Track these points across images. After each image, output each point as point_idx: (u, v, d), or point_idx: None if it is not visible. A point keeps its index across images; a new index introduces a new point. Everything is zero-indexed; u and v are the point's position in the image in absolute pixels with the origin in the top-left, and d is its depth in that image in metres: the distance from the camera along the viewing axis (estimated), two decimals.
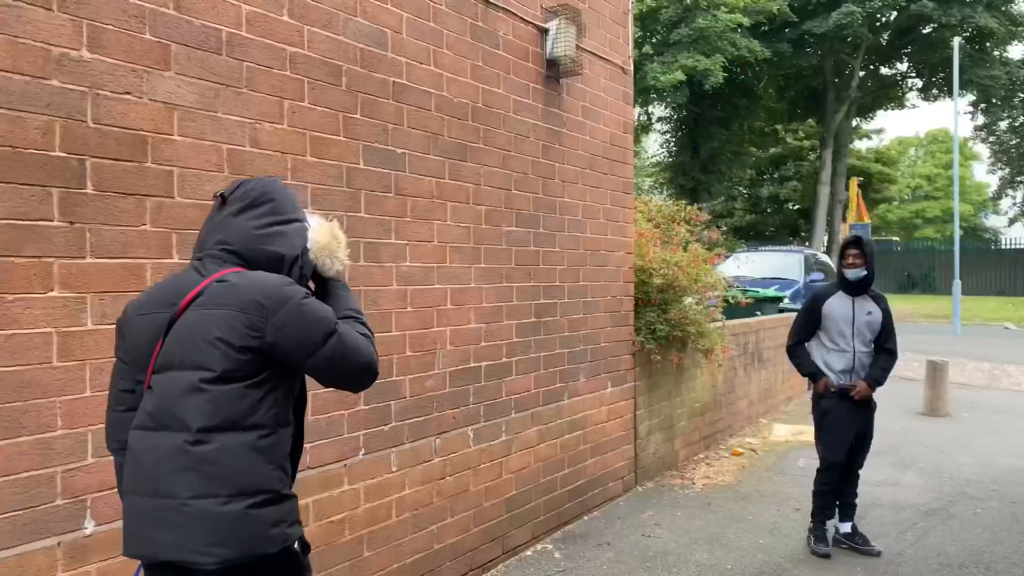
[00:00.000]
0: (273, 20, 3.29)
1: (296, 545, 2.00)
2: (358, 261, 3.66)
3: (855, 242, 4.85)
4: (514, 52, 4.73)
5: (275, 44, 3.30)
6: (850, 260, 4.82)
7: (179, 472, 1.86)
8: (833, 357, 4.85)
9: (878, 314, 4.84)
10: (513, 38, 4.72)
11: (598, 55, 5.64)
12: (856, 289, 4.83)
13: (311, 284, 2.16)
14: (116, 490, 2.22)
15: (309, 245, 2.14)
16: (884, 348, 4.86)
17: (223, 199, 2.09)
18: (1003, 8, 26.78)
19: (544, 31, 4.98)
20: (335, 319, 1.98)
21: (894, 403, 10.16)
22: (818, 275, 14.88)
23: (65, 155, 2.62)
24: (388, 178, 3.83)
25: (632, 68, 6.17)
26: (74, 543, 2.62)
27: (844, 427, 4.81)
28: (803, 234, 33.84)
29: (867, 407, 4.87)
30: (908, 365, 12.62)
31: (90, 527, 2.67)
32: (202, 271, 2.02)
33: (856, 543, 4.91)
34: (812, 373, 4.91)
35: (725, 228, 31.28)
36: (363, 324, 2.11)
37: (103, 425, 2.64)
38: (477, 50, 4.42)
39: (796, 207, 35.77)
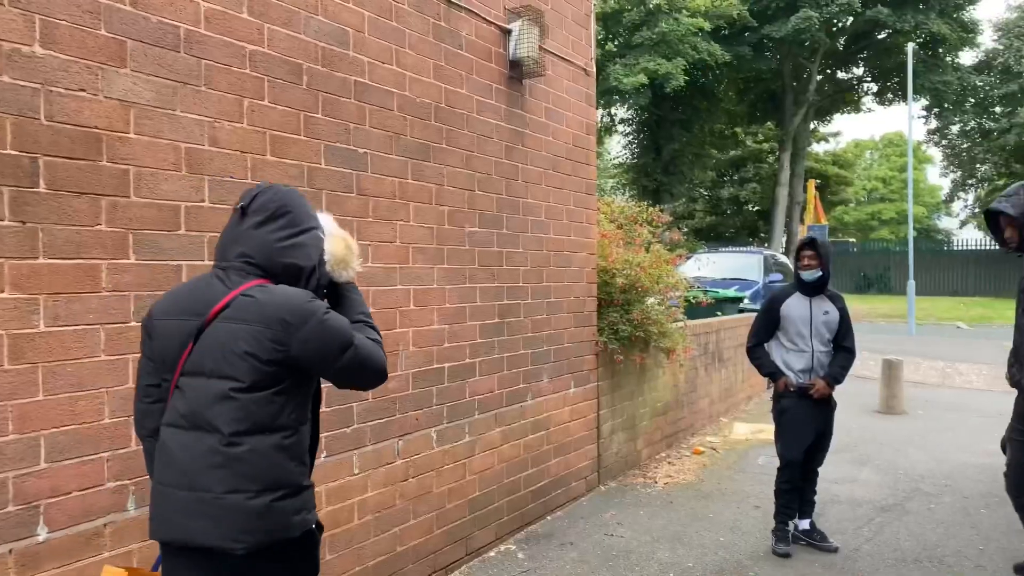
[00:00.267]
0: (232, 17, 3.25)
1: (313, 526, 2.23)
2: None
3: (810, 243, 4.93)
4: (477, 52, 4.73)
5: (234, 42, 3.25)
6: (805, 261, 4.89)
7: (213, 470, 2.06)
8: (792, 357, 4.92)
9: (835, 313, 4.92)
10: (476, 38, 4.72)
11: (561, 56, 5.66)
12: (813, 289, 4.91)
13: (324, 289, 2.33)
14: (68, 495, 2.19)
15: (326, 257, 2.28)
16: (842, 347, 4.94)
17: (243, 211, 2.22)
18: (955, 15, 27.47)
19: (507, 32, 4.98)
20: (351, 332, 2.15)
21: (852, 401, 10.36)
22: (777, 276, 15.10)
23: (16, 153, 2.55)
24: (350, 178, 3.80)
25: (594, 70, 6.20)
26: (26, 550, 2.56)
27: (803, 426, 4.89)
28: (762, 235, 34.35)
29: (826, 406, 4.95)
30: (865, 364, 12.87)
31: (43, 534, 2.61)
32: (226, 282, 2.16)
33: (814, 540, 4.99)
34: (772, 373, 4.98)
35: (686, 229, 31.61)
36: (372, 328, 2.28)
37: (56, 429, 2.58)
38: (440, 50, 4.41)
39: (755, 209, 36.29)
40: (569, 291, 5.73)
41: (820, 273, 4.85)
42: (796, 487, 4.96)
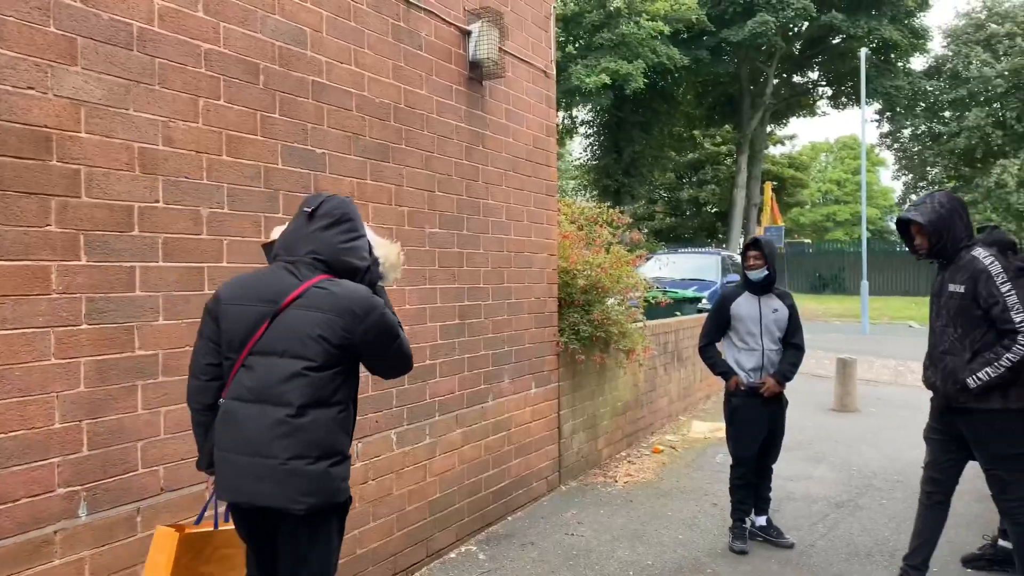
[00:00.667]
0: (187, 15, 3.20)
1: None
2: None
3: (754, 244, 5.03)
4: (436, 53, 4.72)
5: (189, 40, 3.21)
6: (751, 261, 4.98)
7: (280, 439, 2.39)
8: (743, 356, 4.99)
9: (784, 311, 5.01)
10: (435, 39, 4.71)
11: (521, 58, 5.68)
12: (760, 288, 4.99)
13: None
14: (17, 502, 2.14)
15: (381, 261, 2.70)
16: (791, 344, 5.03)
17: (310, 215, 2.57)
18: (906, 22, 28.15)
19: (467, 33, 4.99)
20: (399, 328, 2.58)
21: (806, 399, 10.54)
22: (734, 276, 15.29)
23: None
24: (307, 178, 3.77)
25: (554, 72, 6.23)
26: None
27: (754, 424, 4.96)
28: (720, 236, 34.79)
29: (777, 404, 5.03)
30: (820, 363, 13.12)
31: None
32: (297, 275, 2.52)
33: (771, 535, 5.07)
34: (724, 372, 5.05)
35: (647, 230, 31.88)
36: (400, 326, 2.63)
37: (3, 435, 2.53)
38: (399, 50, 4.40)
39: (714, 210, 36.73)
40: (530, 292, 5.75)
41: (766, 272, 4.93)
42: (749, 483, 5.03)
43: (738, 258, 17.81)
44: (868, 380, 12.34)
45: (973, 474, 6.06)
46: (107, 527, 2.88)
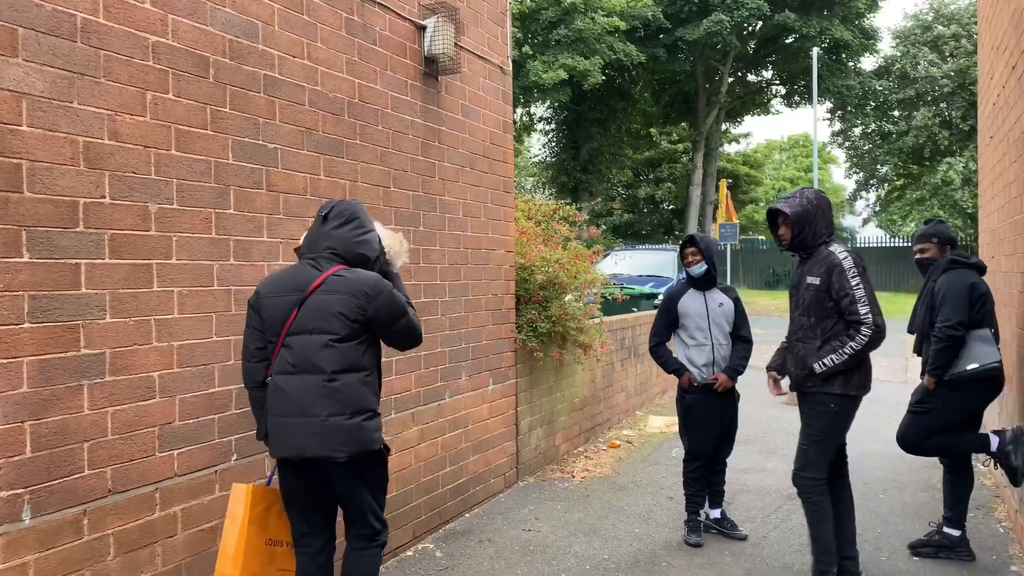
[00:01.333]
0: (133, 7, 3.13)
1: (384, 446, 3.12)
2: (228, 260, 3.54)
3: (691, 240, 5.11)
4: (391, 48, 4.69)
5: (136, 32, 3.14)
6: (690, 258, 5.06)
7: (320, 400, 2.91)
8: (694, 352, 5.04)
9: (729, 304, 5.10)
10: (390, 34, 4.68)
11: (477, 54, 5.66)
12: (704, 284, 5.07)
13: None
14: None
15: (386, 250, 3.22)
16: (740, 337, 5.12)
17: (324, 218, 3.12)
18: (856, 22, 28.69)
19: (422, 28, 4.96)
20: (406, 306, 3.11)
21: (760, 393, 10.67)
22: None
23: None
24: (259, 174, 3.72)
25: (511, 68, 6.23)
26: None
27: (708, 419, 5.04)
28: (677, 233, 35.15)
29: (730, 399, 5.11)
30: None
31: None
32: (319, 267, 3.05)
33: (724, 528, 5.14)
34: (676, 370, 5.10)
35: (604, 227, 32.05)
36: (412, 307, 3.19)
37: None
38: (353, 45, 4.36)
39: (671, 207, 37.08)
40: (487, 288, 5.74)
41: (706, 266, 5.02)
42: (703, 477, 5.09)
43: None
44: None
45: (920, 464, 6.22)
46: (52, 531, 2.81)
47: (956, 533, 4.71)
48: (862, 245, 35.24)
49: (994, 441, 4.45)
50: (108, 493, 3.01)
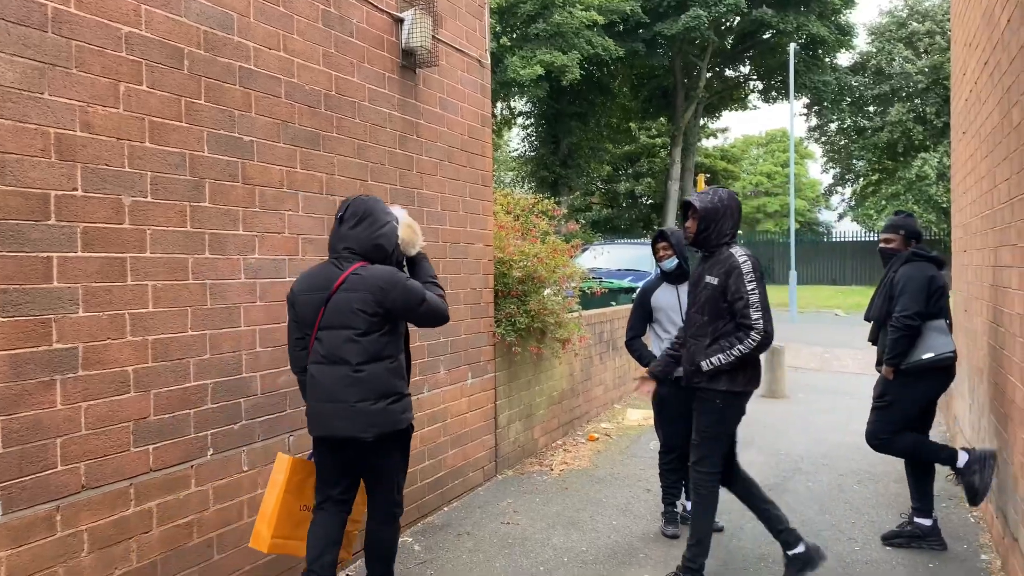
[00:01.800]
0: None
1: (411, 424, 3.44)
2: (203, 254, 3.51)
3: (661, 236, 5.16)
4: (368, 40, 4.66)
5: (108, 23, 3.10)
6: (661, 253, 5.12)
7: (347, 387, 3.23)
8: (668, 346, 5.07)
9: None
10: (367, 26, 4.65)
11: (455, 47, 5.65)
12: (676, 277, 5.13)
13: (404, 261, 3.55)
14: None
15: (400, 242, 3.44)
16: None
17: (340, 219, 3.39)
18: (832, 18, 28.90)
19: (399, 21, 4.93)
20: (423, 291, 3.34)
21: None
22: None
23: None
24: (235, 166, 3.69)
25: (489, 61, 6.22)
26: None
27: (681, 413, 5.04)
28: (655, 228, 35.26)
29: None
30: None
31: None
32: (340, 267, 3.32)
33: None
34: (649, 363, 5.13)
35: (583, 221, 32.13)
36: (437, 285, 3.53)
37: None
38: (329, 37, 4.33)
39: (649, 202, 37.22)
40: (466, 283, 5.74)
41: (677, 260, 5.08)
42: (679, 469, 5.13)
43: None
44: (796, 367, 12.70)
45: (891, 456, 6.28)
46: (24, 527, 2.78)
47: (927, 523, 4.78)
48: (838, 239, 35.61)
49: (962, 458, 4.56)
50: (82, 489, 2.98)
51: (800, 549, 4.18)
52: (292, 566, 4.05)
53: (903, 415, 4.70)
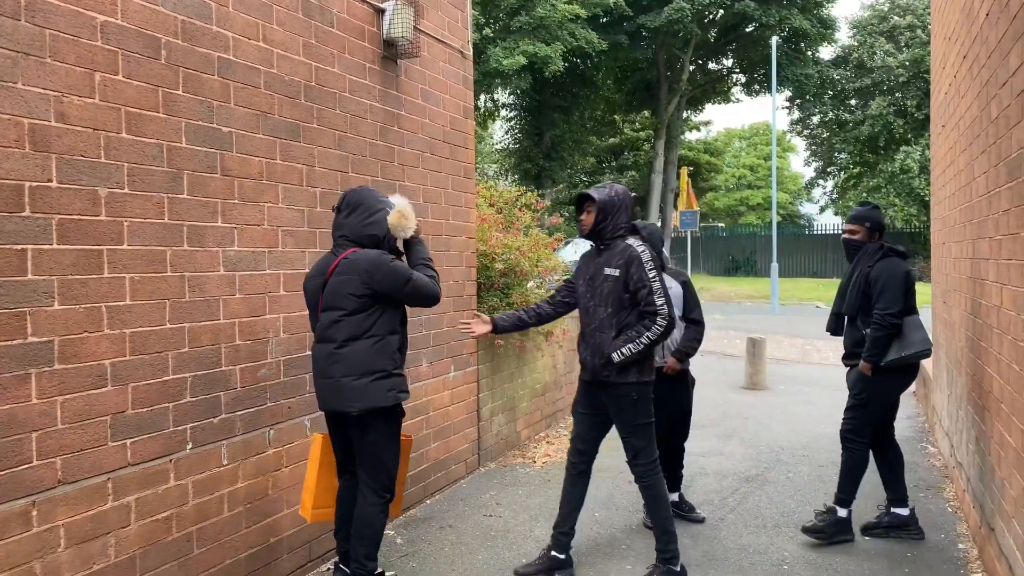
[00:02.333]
0: None
1: (401, 404, 3.71)
2: (181, 246, 3.47)
3: (633, 230, 5.12)
4: (349, 31, 4.62)
5: (83, 11, 3.05)
6: None
7: (333, 364, 3.53)
8: None
9: (678, 288, 5.17)
10: (348, 16, 4.61)
11: (437, 38, 5.61)
12: None
13: (400, 245, 3.80)
14: None
15: (390, 228, 3.64)
16: (691, 320, 5.19)
17: (337, 209, 3.69)
18: (815, 12, 29.03)
19: (380, 11, 4.90)
20: (409, 272, 3.58)
21: (719, 378, 10.86)
22: None
23: None
24: (213, 157, 3.65)
25: (471, 53, 6.19)
26: None
27: (659, 405, 5.07)
28: (639, 220, 35.32)
29: (682, 383, 5.19)
30: (731, 343, 13.50)
31: None
32: (336, 253, 3.61)
33: (683, 511, 5.21)
34: None
35: (567, 214, 32.13)
36: (429, 267, 3.72)
37: None
38: (309, 27, 4.29)
39: (633, 195, 37.25)
40: (448, 275, 5.72)
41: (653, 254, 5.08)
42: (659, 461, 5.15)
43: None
44: (778, 359, 12.78)
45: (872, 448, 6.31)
46: (0, 522, 2.75)
47: (904, 512, 4.83)
48: (819, 232, 35.82)
49: (842, 511, 4.79)
50: (58, 484, 2.94)
51: (563, 556, 4.33)
52: (273, 560, 4.03)
53: (881, 411, 4.76)
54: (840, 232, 35.02)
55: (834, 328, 4.95)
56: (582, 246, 14.56)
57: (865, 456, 4.78)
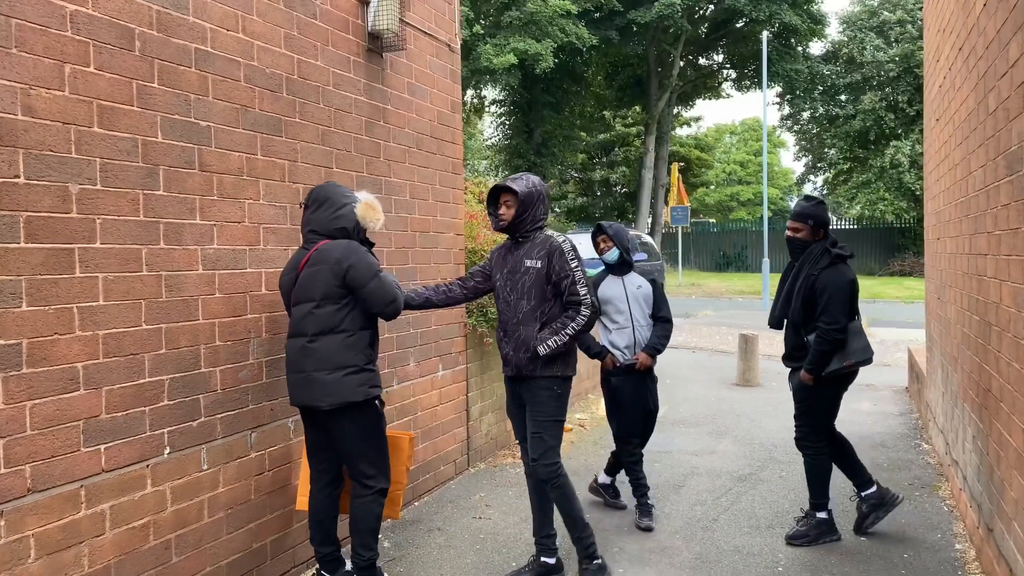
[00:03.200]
0: None
1: (376, 401, 3.70)
2: (158, 244, 3.36)
3: (599, 230, 5.22)
4: (332, 22, 4.51)
5: (52, 1, 2.92)
6: (602, 246, 5.18)
7: (304, 358, 3.54)
8: (616, 335, 5.14)
9: (647, 286, 5.21)
10: (331, 8, 4.49)
11: (423, 31, 5.50)
12: (620, 269, 5.18)
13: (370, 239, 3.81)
14: None
15: (357, 219, 3.66)
16: (660, 318, 5.22)
17: (305, 206, 3.71)
18: (805, 7, 29.00)
19: (365, 2, 4.78)
20: (380, 268, 3.61)
21: (711, 375, 10.78)
22: (642, 255, 15.49)
23: None
24: (191, 152, 3.53)
25: (459, 46, 6.07)
26: None
27: (635, 400, 5.16)
28: (630, 216, 35.31)
29: (651, 379, 5.23)
30: (723, 339, 13.43)
31: None
32: (307, 247, 3.64)
33: (611, 496, 5.42)
34: (598, 353, 5.14)
35: (559, 210, 32.07)
36: (390, 275, 3.71)
37: None
38: (291, 18, 4.17)
39: (624, 191, 37.25)
40: (436, 272, 5.61)
41: (618, 252, 5.13)
42: (641, 457, 5.24)
43: (646, 237, 18.12)
44: (770, 355, 12.70)
45: (866, 445, 6.27)
46: None
47: (873, 489, 4.83)
48: None
49: (822, 514, 4.75)
50: (28, 492, 2.83)
51: (552, 560, 4.24)
52: (255, 566, 3.93)
53: (826, 416, 4.74)
54: (832, 227, 35.33)
55: (777, 324, 4.85)
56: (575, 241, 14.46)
57: (826, 458, 4.76)
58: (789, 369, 4.83)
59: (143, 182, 3.29)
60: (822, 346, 4.47)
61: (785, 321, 4.75)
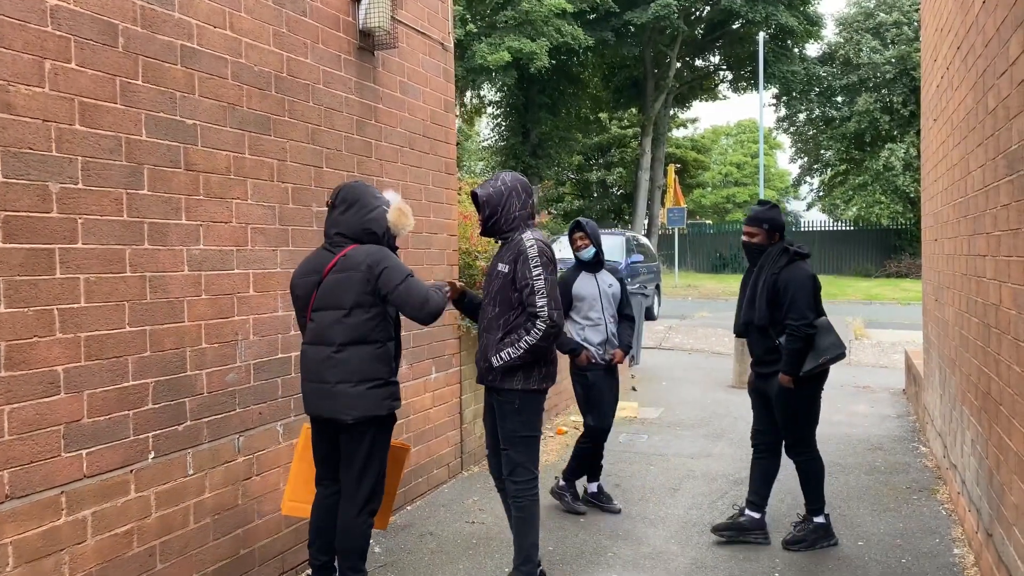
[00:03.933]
0: None
1: (395, 412, 3.57)
2: (142, 245, 3.29)
3: (577, 226, 5.23)
4: (323, 20, 4.44)
5: None
6: (579, 243, 5.21)
7: (329, 368, 3.38)
8: (590, 332, 5.20)
9: (617, 286, 5.33)
10: (321, 5, 4.43)
11: (416, 29, 5.43)
12: (593, 267, 5.23)
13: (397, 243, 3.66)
14: None
15: (388, 224, 3.52)
16: (625, 316, 5.32)
17: (331, 206, 3.52)
18: (801, 8, 29.00)
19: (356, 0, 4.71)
20: (409, 270, 3.43)
21: (707, 377, 10.71)
22: (638, 256, 15.46)
23: None
24: (177, 151, 3.46)
25: (452, 45, 6.01)
26: None
27: (609, 394, 5.29)
28: (626, 218, 35.27)
29: (617, 374, 5.39)
30: (720, 340, 13.38)
31: None
32: (332, 250, 3.48)
33: (602, 502, 5.35)
34: (573, 349, 5.16)
35: (554, 212, 32.00)
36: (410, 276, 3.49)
37: None
38: (280, 15, 4.10)
39: (620, 192, 37.19)
40: (430, 274, 5.55)
41: (594, 250, 5.18)
42: (599, 451, 5.35)
43: (643, 239, 18.07)
44: None
45: (864, 448, 6.21)
46: None
47: (757, 515, 4.78)
48: (806, 229, 35.83)
49: (819, 519, 4.71)
50: (6, 499, 2.75)
51: None
52: (243, 573, 3.85)
53: (811, 418, 4.71)
54: (828, 228, 35.08)
55: (742, 332, 4.80)
56: (567, 244, 14.45)
57: (818, 462, 4.73)
58: (756, 375, 4.76)
59: (127, 181, 3.22)
60: (794, 344, 4.43)
61: (750, 327, 4.69)
